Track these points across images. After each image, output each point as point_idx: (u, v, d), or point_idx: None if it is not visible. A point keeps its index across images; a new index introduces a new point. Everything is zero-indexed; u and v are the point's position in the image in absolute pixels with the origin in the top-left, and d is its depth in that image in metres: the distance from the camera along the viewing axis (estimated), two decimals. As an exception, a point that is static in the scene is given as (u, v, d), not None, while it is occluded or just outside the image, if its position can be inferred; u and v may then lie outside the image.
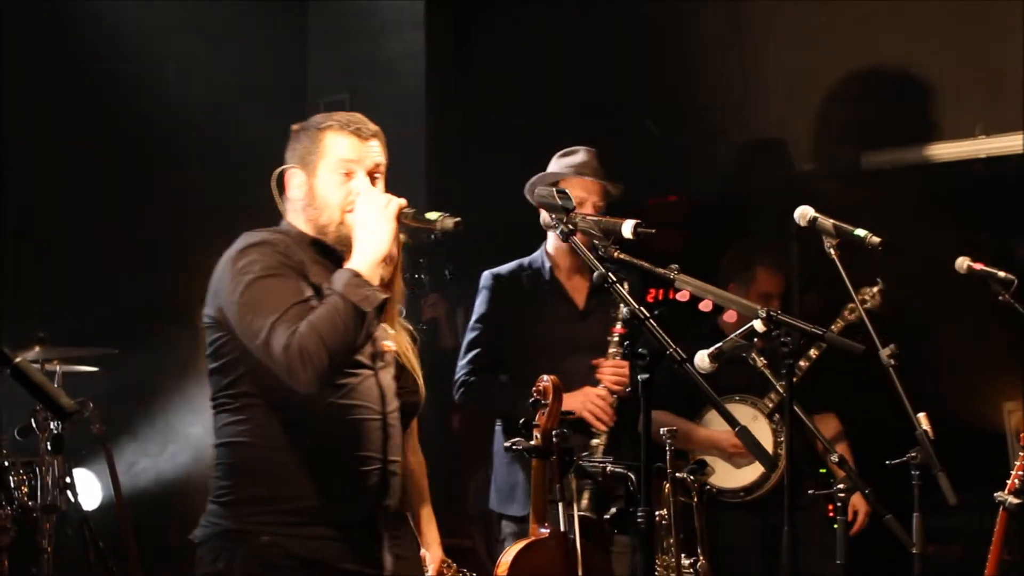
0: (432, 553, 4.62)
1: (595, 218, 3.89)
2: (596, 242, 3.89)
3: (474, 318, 5.51)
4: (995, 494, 4.65)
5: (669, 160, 7.68)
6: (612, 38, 7.86)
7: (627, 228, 3.91)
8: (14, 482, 6.01)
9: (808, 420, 4.50)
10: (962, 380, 6.54)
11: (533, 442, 4.17)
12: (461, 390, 5.37)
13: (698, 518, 4.60)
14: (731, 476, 5.95)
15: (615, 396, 5.14)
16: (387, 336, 3.93)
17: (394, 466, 3.82)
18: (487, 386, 5.37)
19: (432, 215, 3.68)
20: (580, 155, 5.56)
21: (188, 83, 8.34)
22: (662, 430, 4.47)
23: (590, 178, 5.45)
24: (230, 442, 3.67)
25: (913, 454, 4.44)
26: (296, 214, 3.78)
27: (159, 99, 8.13)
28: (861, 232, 4.86)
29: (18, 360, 2.04)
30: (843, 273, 4.94)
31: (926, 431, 4.46)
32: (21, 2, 7.55)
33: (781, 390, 4.20)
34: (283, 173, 3.80)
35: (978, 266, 5.02)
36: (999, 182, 6.79)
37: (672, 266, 4.15)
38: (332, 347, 3.46)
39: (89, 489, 7.27)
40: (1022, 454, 4.67)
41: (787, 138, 7.35)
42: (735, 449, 5.86)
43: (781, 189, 7.22)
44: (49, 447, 6.18)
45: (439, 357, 7.15)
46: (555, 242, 5.51)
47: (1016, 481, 4.64)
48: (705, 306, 4.43)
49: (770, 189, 7.32)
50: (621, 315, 4.83)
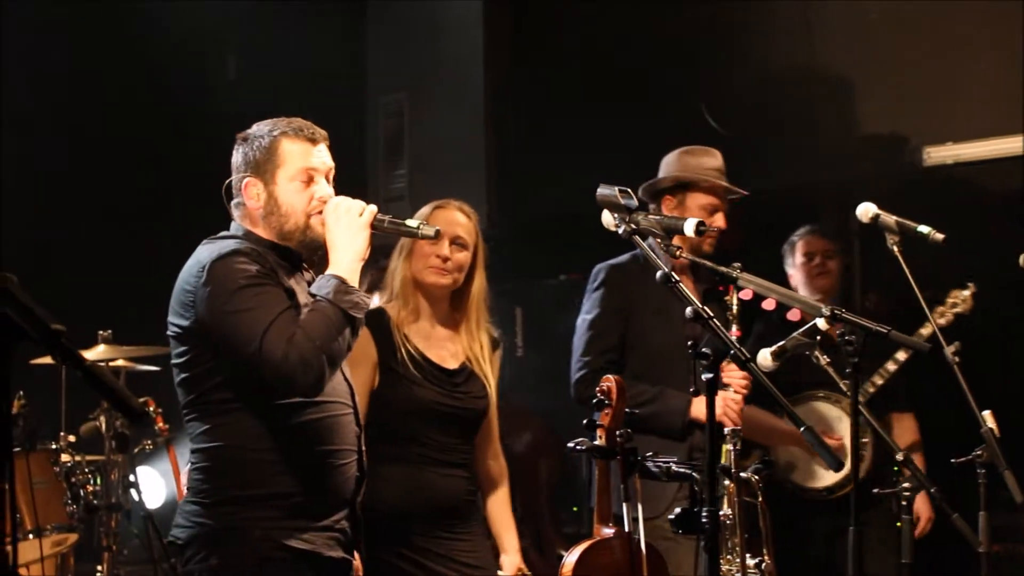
0: (509, 559, 4.65)
1: (657, 217, 3.88)
2: (659, 241, 3.88)
3: (593, 312, 5.25)
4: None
5: (730, 157, 7.63)
6: (672, 33, 7.83)
7: (689, 227, 3.92)
8: (79, 481, 6.06)
9: (873, 419, 4.47)
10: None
11: (597, 442, 4.16)
12: (583, 385, 5.10)
13: (763, 518, 4.58)
14: (816, 475, 5.87)
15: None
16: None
17: (365, 457, 3.89)
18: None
19: (412, 222, 3.79)
20: (716, 158, 5.39)
21: (248, 81, 8.40)
22: (725, 430, 4.45)
23: (724, 184, 5.32)
24: (207, 446, 3.73)
25: (979, 452, 4.40)
26: (253, 221, 3.81)
27: (220, 97, 8.19)
28: (924, 228, 4.82)
29: (89, 362, 2.05)
30: (906, 270, 4.91)
31: (992, 429, 4.42)
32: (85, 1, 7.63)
33: (845, 388, 4.16)
34: (230, 184, 3.84)
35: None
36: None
37: (735, 264, 4.14)
38: (329, 353, 3.57)
39: (153, 487, 7.34)
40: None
41: (849, 134, 7.29)
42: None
43: (843, 185, 7.17)
44: (114, 446, 6.24)
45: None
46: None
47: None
48: (768, 304, 4.42)
49: (832, 185, 7.28)
50: (735, 317, 4.82)
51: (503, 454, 4.84)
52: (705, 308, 3.48)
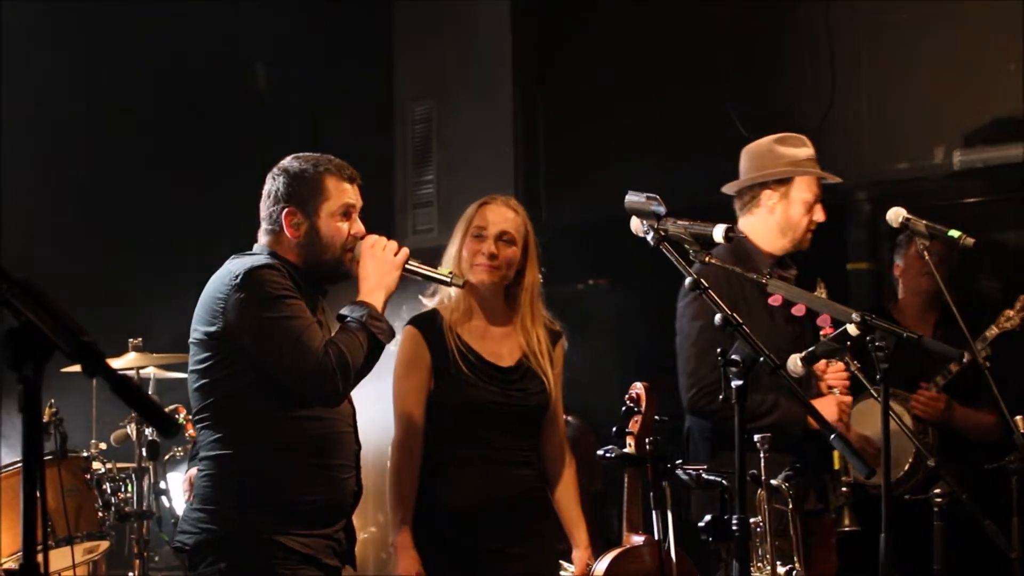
0: (579, 555, 4.61)
1: (686, 223, 3.86)
2: (688, 247, 3.86)
3: (698, 319, 4.97)
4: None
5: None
6: (698, 36, 7.82)
7: (718, 232, 3.89)
8: (110, 488, 6.08)
9: (900, 423, 4.45)
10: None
11: (627, 449, 4.15)
12: (693, 402, 4.89)
13: (794, 525, 4.57)
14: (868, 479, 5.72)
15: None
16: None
17: (360, 473, 4.10)
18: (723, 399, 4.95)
19: (443, 271, 4.15)
20: (809, 146, 5.24)
21: (278, 89, 8.42)
22: (756, 437, 4.43)
23: (819, 175, 5.20)
24: (216, 454, 3.89)
25: (1011, 458, 4.38)
26: (283, 247, 4.00)
27: (250, 105, 8.22)
28: (955, 232, 4.80)
29: (120, 375, 2.06)
30: (936, 273, 4.89)
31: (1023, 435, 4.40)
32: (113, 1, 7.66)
33: (876, 393, 4.15)
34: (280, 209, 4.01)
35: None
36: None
37: (765, 270, 4.12)
38: (356, 369, 3.82)
39: (183, 494, 7.34)
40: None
41: (877, 136, 7.26)
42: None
43: (872, 189, 7.14)
44: (144, 453, 6.26)
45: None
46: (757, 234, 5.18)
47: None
48: (799, 310, 4.40)
49: (861, 189, 7.25)
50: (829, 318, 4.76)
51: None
52: (734, 315, 3.47)
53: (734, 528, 3.36)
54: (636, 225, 3.78)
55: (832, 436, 3.41)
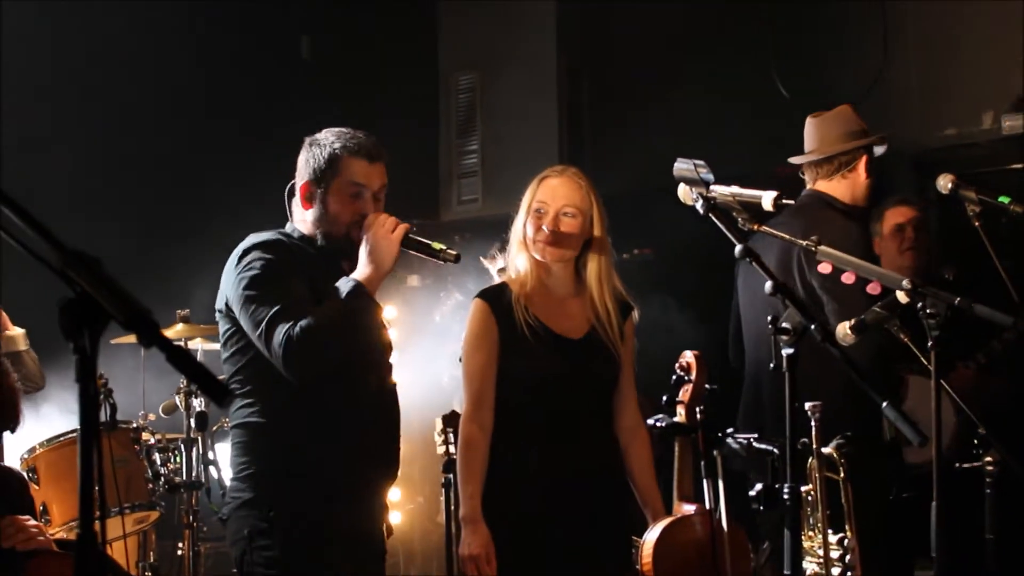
0: (656, 520, 4.58)
1: (735, 190, 3.83)
2: (736, 215, 3.84)
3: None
4: None
5: (800, 126, 7.57)
6: (745, 3, 7.77)
7: (767, 200, 3.86)
8: (160, 459, 6.13)
9: (954, 394, 4.41)
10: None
11: (677, 419, 4.14)
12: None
13: (845, 493, 4.55)
14: (915, 450, 5.68)
15: None
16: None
17: (394, 446, 4.12)
18: None
19: (436, 245, 4.03)
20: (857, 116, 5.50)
21: (322, 61, 8.43)
22: (807, 405, 4.41)
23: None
24: (244, 423, 3.98)
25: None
26: (303, 220, 4.10)
27: (294, 76, 8.23)
28: (1005, 199, 4.75)
29: (176, 344, 2.06)
30: (986, 241, 4.84)
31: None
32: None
33: (925, 362, 4.11)
34: (293, 184, 4.12)
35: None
36: None
37: (813, 238, 4.09)
38: (328, 345, 3.83)
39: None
40: None
41: (926, 101, 7.20)
42: None
43: (921, 155, 7.09)
44: (193, 424, 6.30)
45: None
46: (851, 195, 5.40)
47: None
48: (848, 278, 4.37)
49: (909, 155, 7.19)
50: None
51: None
52: (785, 283, 3.45)
53: (785, 497, 3.35)
54: (685, 193, 3.76)
55: (884, 404, 3.39)
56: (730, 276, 5.57)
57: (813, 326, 3.38)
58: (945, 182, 4.83)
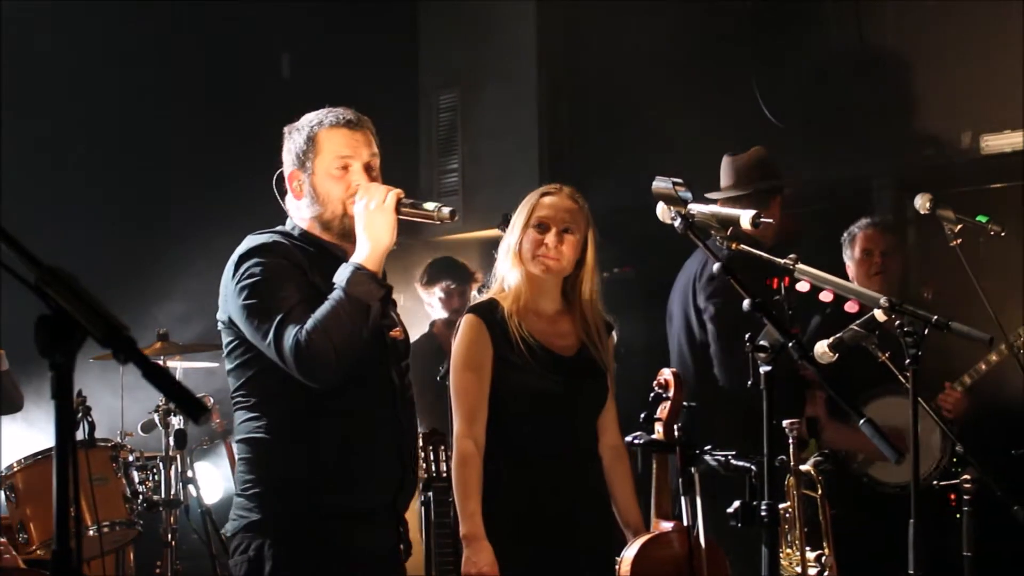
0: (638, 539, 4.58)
1: (713, 209, 3.85)
2: (714, 233, 3.85)
3: (728, 307, 5.20)
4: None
5: (785, 147, 7.60)
6: (726, 24, 7.80)
7: (745, 219, 3.87)
8: (139, 477, 6.11)
9: (932, 411, 4.43)
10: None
11: (655, 436, 4.14)
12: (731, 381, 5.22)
13: (823, 511, 4.56)
14: (895, 470, 5.67)
15: None
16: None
17: (410, 449, 3.91)
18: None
19: (428, 205, 3.78)
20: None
21: (302, 79, 8.44)
22: (785, 423, 4.42)
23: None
24: (249, 438, 3.79)
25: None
26: (300, 214, 3.87)
27: (274, 94, 8.23)
28: (983, 218, 4.78)
29: (153, 362, 2.06)
30: (964, 261, 4.87)
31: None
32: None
33: (904, 381, 4.13)
34: (282, 176, 3.90)
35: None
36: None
37: (791, 256, 4.10)
38: (338, 342, 3.59)
39: (210, 483, 7.38)
40: None
41: (905, 122, 7.23)
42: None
43: (899, 175, 7.11)
44: (172, 442, 6.28)
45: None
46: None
47: None
48: (826, 296, 4.39)
49: (887, 175, 7.22)
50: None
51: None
52: (762, 301, 3.46)
53: (763, 514, 3.35)
54: (663, 211, 3.77)
55: (862, 422, 3.40)
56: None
57: (791, 344, 3.39)
58: (923, 201, 4.85)
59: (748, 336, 3.44)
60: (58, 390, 2.09)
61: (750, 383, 3.38)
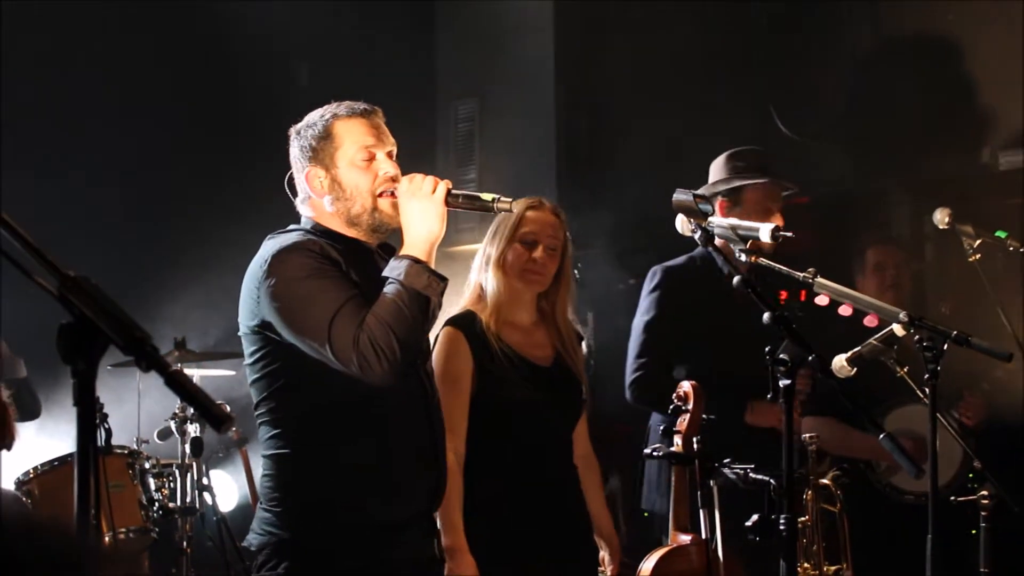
0: (611, 553, 4.60)
1: (732, 222, 3.85)
2: (734, 247, 3.84)
3: (648, 313, 5.26)
4: None
5: (796, 160, 7.58)
6: (741, 34, 7.80)
7: (765, 232, 3.87)
8: (155, 484, 6.12)
9: (951, 427, 4.42)
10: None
11: (674, 448, 4.14)
12: (640, 387, 5.17)
13: (842, 525, 4.54)
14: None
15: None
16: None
17: (443, 456, 3.82)
18: (665, 386, 4.91)
19: (486, 196, 3.64)
20: (758, 157, 5.42)
21: (319, 88, 8.44)
22: (804, 436, 4.41)
23: (776, 181, 5.32)
24: (275, 454, 3.68)
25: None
26: (320, 212, 3.73)
27: (291, 103, 8.23)
28: (1002, 233, 4.77)
29: (174, 369, 2.06)
30: (983, 276, 4.86)
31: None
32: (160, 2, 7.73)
33: (923, 396, 4.12)
34: (291, 178, 3.79)
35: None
36: None
37: (810, 270, 4.10)
38: (402, 337, 3.45)
39: (226, 491, 7.39)
40: None
41: (921, 137, 7.21)
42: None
43: (917, 189, 7.10)
44: (188, 450, 6.29)
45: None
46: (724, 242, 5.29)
47: None
48: (845, 311, 4.38)
49: (904, 189, 7.21)
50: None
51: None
52: (784, 314, 3.45)
53: (781, 527, 3.35)
54: (683, 223, 3.78)
55: (882, 436, 3.39)
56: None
57: (811, 357, 3.38)
58: (942, 216, 4.85)
59: (768, 349, 3.43)
60: (80, 397, 2.09)
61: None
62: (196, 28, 7.93)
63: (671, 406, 4.27)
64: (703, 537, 4.06)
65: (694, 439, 4.09)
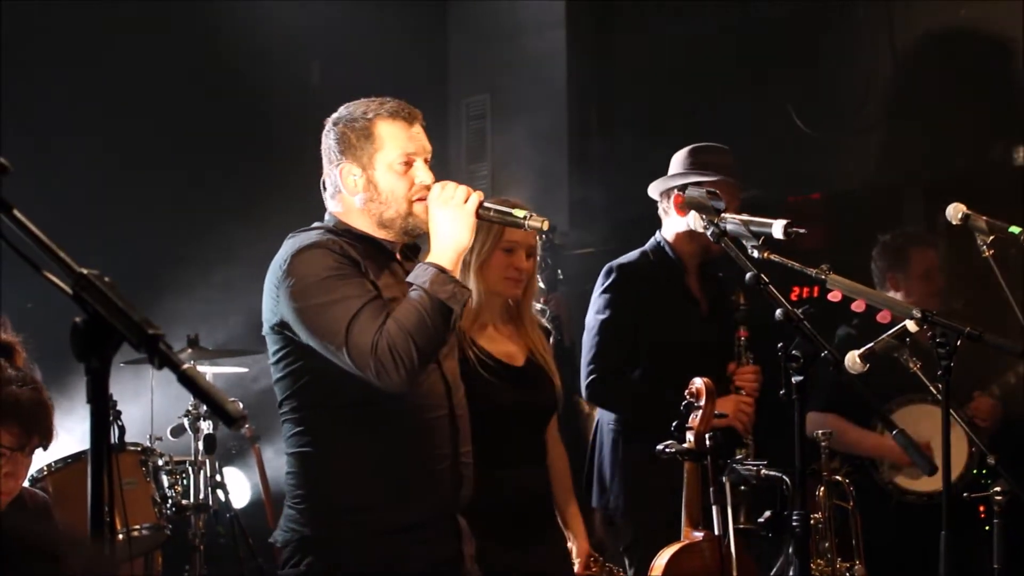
0: (579, 546, 4.63)
1: (745, 218, 3.84)
2: (745, 243, 3.84)
3: (603, 312, 5.15)
4: None
5: (811, 156, 7.57)
6: (754, 32, 7.79)
7: (777, 228, 3.86)
8: (168, 481, 6.12)
9: (964, 424, 4.41)
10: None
11: (686, 445, 4.13)
12: (590, 389, 5.13)
13: (855, 522, 4.54)
14: (923, 479, 5.57)
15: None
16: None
17: (466, 457, 3.79)
18: (621, 386, 5.11)
19: (519, 212, 3.61)
20: (719, 154, 5.32)
21: (331, 86, 8.45)
22: (817, 432, 4.40)
23: (730, 180, 5.18)
24: (298, 452, 3.67)
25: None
26: (348, 209, 3.68)
27: (304, 102, 8.25)
28: (1016, 229, 4.75)
29: (186, 366, 2.06)
30: (997, 272, 4.84)
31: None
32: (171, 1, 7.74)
33: (936, 392, 4.11)
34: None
35: None
36: None
37: (823, 266, 4.09)
38: (421, 345, 3.43)
39: (239, 488, 7.40)
40: None
41: (937, 133, 7.20)
42: (902, 459, 5.49)
43: (929, 185, 7.09)
44: (201, 447, 6.29)
45: (559, 355, 7.11)
46: (678, 237, 5.23)
47: None
48: (858, 306, 4.38)
49: (918, 185, 7.19)
50: (741, 318, 4.87)
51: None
52: (795, 310, 3.45)
53: (794, 524, 3.35)
54: (695, 220, 3.78)
55: (895, 433, 3.39)
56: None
57: (824, 353, 3.38)
58: (955, 212, 4.82)
59: (780, 345, 3.43)
60: (94, 395, 2.09)
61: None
62: (208, 26, 7.94)
63: (684, 403, 4.26)
64: (716, 534, 4.06)
65: (706, 436, 4.08)
